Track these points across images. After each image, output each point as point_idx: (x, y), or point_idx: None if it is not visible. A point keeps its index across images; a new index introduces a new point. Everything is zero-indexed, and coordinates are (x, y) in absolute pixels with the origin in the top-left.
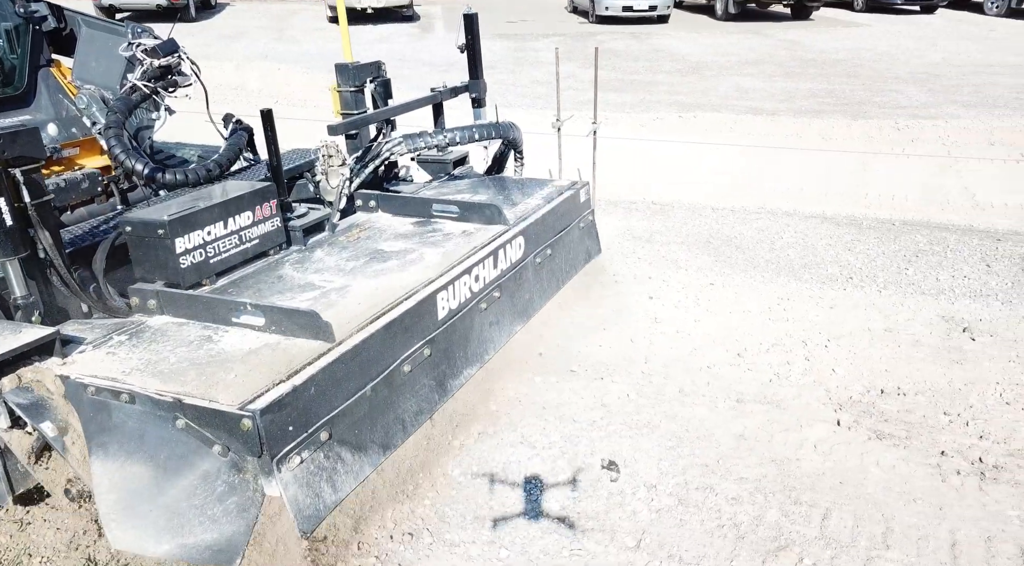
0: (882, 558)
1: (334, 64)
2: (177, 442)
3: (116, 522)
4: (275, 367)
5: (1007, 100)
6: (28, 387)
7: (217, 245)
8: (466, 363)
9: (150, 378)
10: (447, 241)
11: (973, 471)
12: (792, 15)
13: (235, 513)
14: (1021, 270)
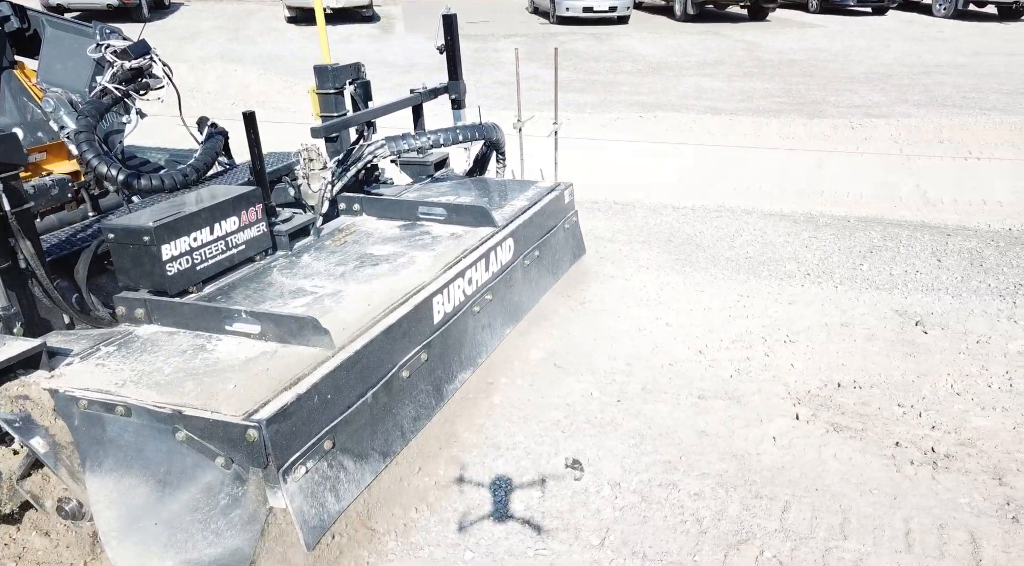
0: (840, 548)
1: (313, 66)
2: (177, 455)
3: (117, 540)
4: (275, 376)
5: (955, 99)
6: (18, 400)
7: (203, 251)
8: (461, 367)
9: (145, 390)
10: (437, 244)
11: (926, 461)
12: (749, 16)
13: (239, 526)
14: (970, 264)
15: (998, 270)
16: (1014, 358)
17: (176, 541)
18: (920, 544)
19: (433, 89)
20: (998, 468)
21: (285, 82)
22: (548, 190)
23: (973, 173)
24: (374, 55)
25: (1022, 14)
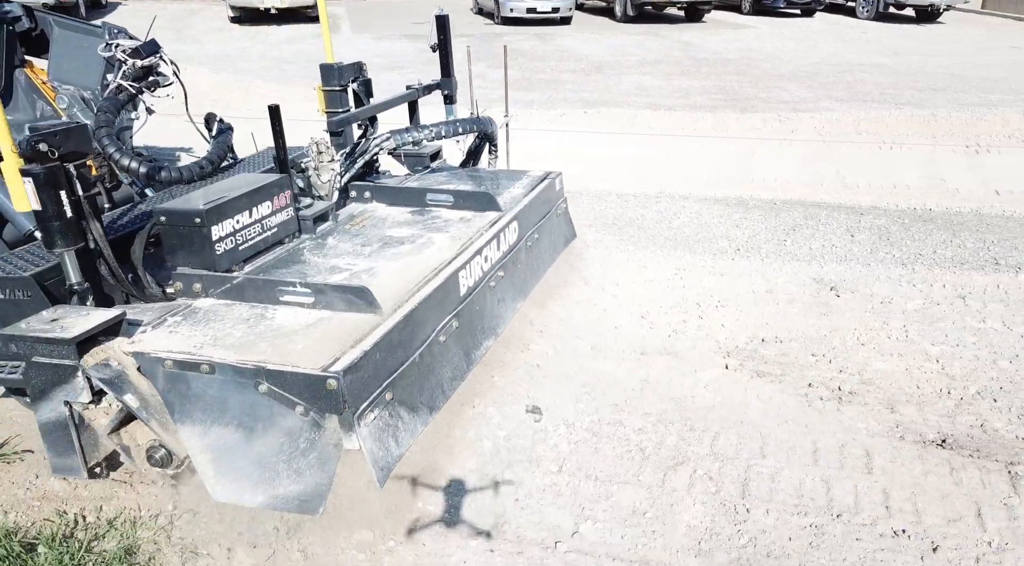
0: (759, 465)
1: (319, 65)
2: (260, 405)
3: (215, 478)
4: (337, 337)
5: (874, 95)
6: (107, 363)
7: (244, 233)
8: (484, 335)
9: (224, 350)
10: (449, 227)
11: (832, 397)
12: (686, 18)
13: (317, 466)
14: (879, 239)
15: (902, 243)
16: (911, 315)
17: (264, 479)
18: (824, 459)
19: (428, 85)
20: (891, 400)
21: (237, 81)
22: (541, 179)
23: (886, 160)
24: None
25: (938, 16)
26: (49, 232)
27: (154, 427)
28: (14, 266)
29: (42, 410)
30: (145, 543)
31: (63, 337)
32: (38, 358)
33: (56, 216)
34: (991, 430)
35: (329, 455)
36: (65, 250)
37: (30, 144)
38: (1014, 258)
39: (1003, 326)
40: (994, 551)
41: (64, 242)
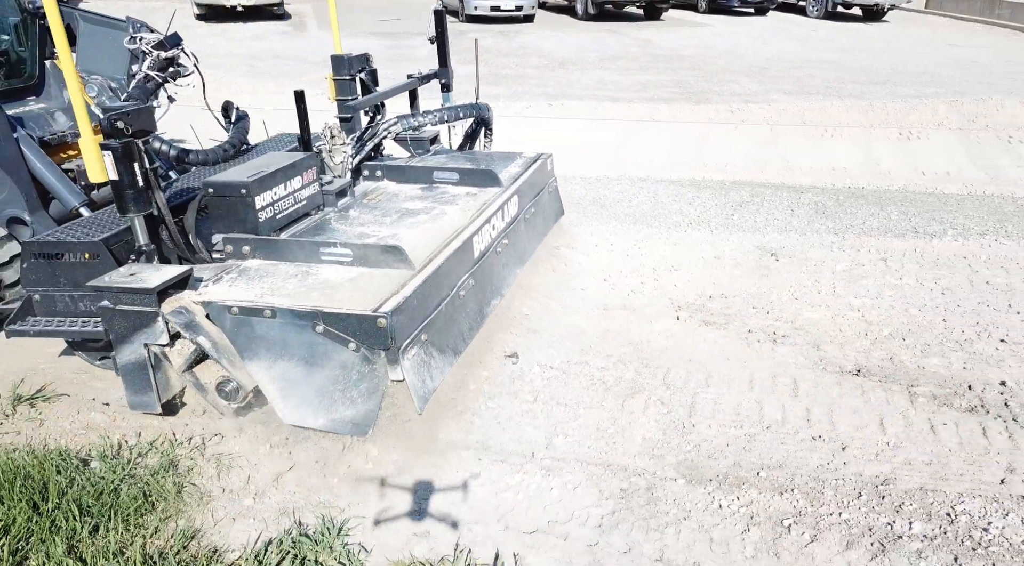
0: (703, 392)
1: (330, 55)
2: (317, 344)
3: (283, 404)
4: (379, 287)
5: (820, 88)
6: (181, 310)
7: (281, 203)
8: (493, 294)
9: (282, 298)
10: (458, 200)
11: (768, 339)
12: (645, 16)
13: (367, 395)
14: (816, 212)
15: (836, 216)
16: (839, 274)
17: (323, 405)
18: (759, 387)
19: (426, 75)
20: (817, 341)
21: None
22: (534, 159)
23: (827, 146)
24: (290, 52)
25: (883, 16)
26: (123, 199)
27: (225, 364)
28: (82, 233)
29: (123, 353)
30: (183, 459)
31: (146, 286)
32: (123, 306)
33: (130, 185)
34: (898, 362)
35: (377, 385)
36: (136, 215)
37: (109, 121)
38: (931, 227)
39: (916, 282)
40: (891, 448)
41: (136, 208)
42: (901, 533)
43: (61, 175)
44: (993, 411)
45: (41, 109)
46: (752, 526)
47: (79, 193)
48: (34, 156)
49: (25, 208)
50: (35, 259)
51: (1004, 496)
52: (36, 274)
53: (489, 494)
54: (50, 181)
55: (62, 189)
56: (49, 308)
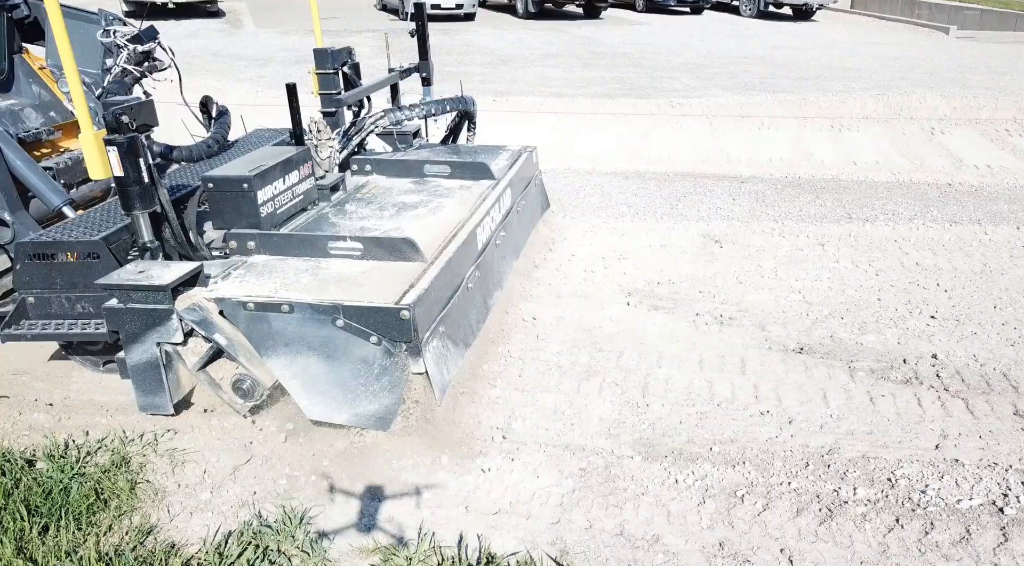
0: (655, 373)
1: (313, 50)
2: (337, 338)
3: (307, 400)
4: (394, 280)
5: (754, 83)
6: (195, 307)
7: (280, 198)
8: (495, 286)
9: (299, 292)
10: (452, 193)
11: (715, 322)
12: (584, 14)
13: (388, 389)
14: (756, 201)
15: (775, 204)
16: (780, 259)
17: (347, 400)
18: (708, 366)
19: (407, 69)
20: (762, 322)
21: None
22: (519, 153)
23: (763, 138)
24: (226, 50)
25: (812, 15)
26: (128, 196)
27: (242, 361)
28: (79, 232)
29: (133, 352)
30: (135, 456)
31: (161, 283)
32: (134, 304)
33: (136, 181)
34: (838, 339)
35: (398, 378)
36: (141, 212)
37: (114, 116)
38: (864, 213)
39: (852, 264)
40: (834, 420)
41: (142, 204)
42: (846, 499)
43: (42, 173)
44: (926, 382)
45: (11, 105)
46: (707, 498)
47: (62, 192)
48: (14, 154)
49: (6, 208)
50: (30, 260)
51: (939, 460)
52: (31, 275)
53: (450, 477)
54: (32, 180)
55: (44, 188)
56: (44, 310)
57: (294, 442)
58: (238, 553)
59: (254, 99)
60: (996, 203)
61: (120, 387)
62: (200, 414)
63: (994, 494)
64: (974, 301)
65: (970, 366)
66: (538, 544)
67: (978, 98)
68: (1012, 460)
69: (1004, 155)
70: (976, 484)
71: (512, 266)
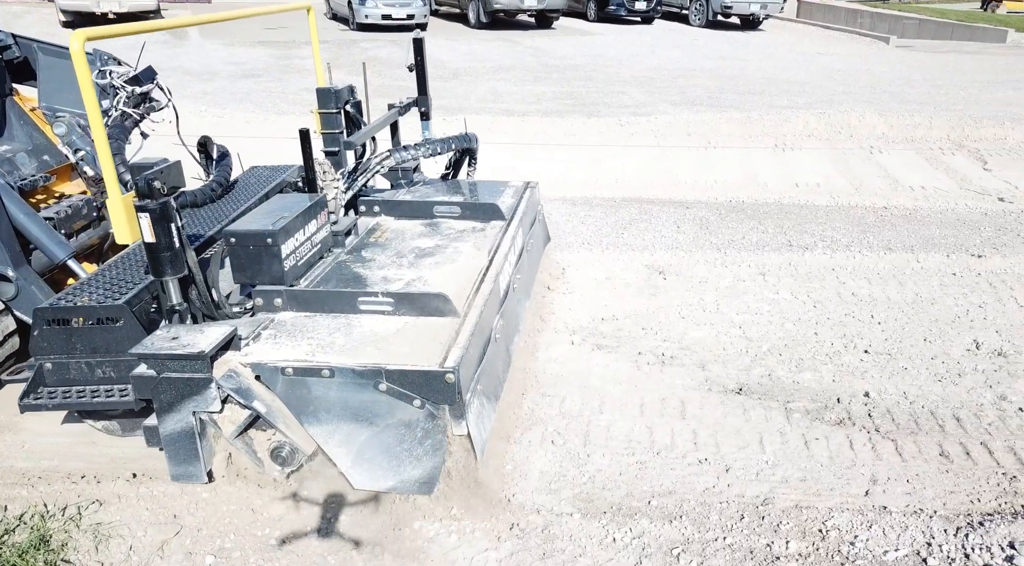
0: (597, 419)
1: (316, 89)
2: (379, 402)
3: (353, 469)
4: (431, 338)
5: (702, 98)
6: (232, 374)
7: (301, 249)
8: (515, 331)
9: (337, 356)
10: (466, 236)
11: (657, 361)
12: (536, 24)
13: (431, 452)
14: (700, 228)
15: (718, 231)
16: (722, 291)
17: (392, 466)
18: (649, 410)
19: (407, 104)
20: (703, 361)
21: None
22: (524, 188)
23: (709, 159)
24: (170, 62)
25: (759, 24)
26: (159, 262)
27: (281, 428)
28: (99, 295)
29: (168, 422)
30: (56, 533)
31: (200, 352)
32: (170, 373)
33: (167, 247)
34: (775, 378)
35: (441, 441)
36: (172, 277)
37: (146, 182)
38: (803, 240)
39: (791, 295)
40: (769, 467)
41: (173, 270)
42: (779, 553)
43: (44, 226)
44: (859, 423)
45: (4, 151)
46: (644, 558)
47: (66, 244)
48: (16, 207)
49: (9, 264)
50: (48, 326)
51: (868, 508)
52: (48, 341)
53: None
54: (34, 233)
55: (48, 241)
56: (62, 377)
57: (223, 509)
58: None
59: (198, 119)
60: (929, 227)
61: (44, 452)
62: (128, 482)
63: (919, 543)
64: (905, 333)
65: (900, 405)
66: None
67: (914, 116)
68: (937, 505)
69: (938, 175)
70: (902, 533)
71: (526, 306)
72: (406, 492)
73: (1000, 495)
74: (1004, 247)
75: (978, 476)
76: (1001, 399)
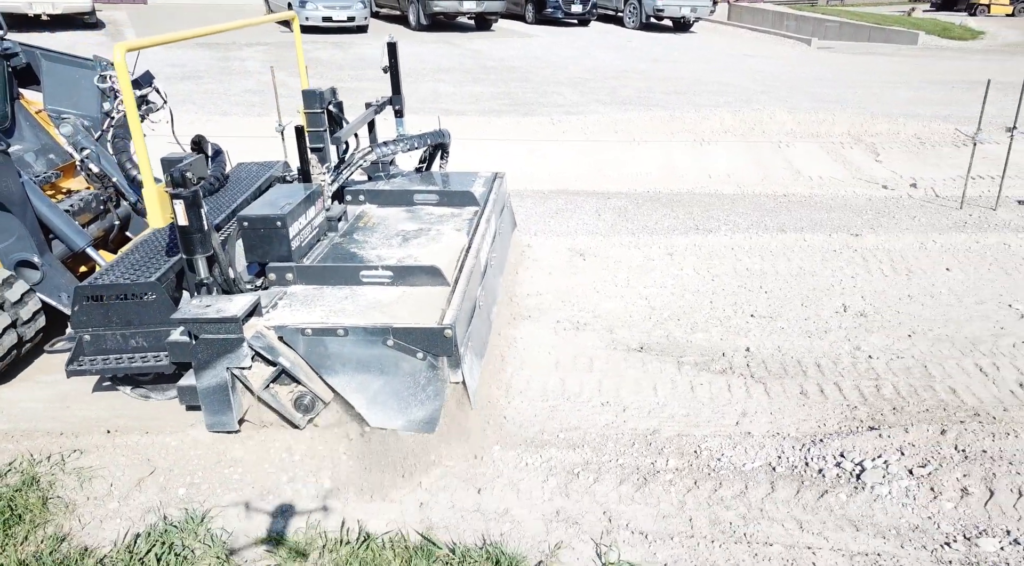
0: (519, 374)
1: (302, 91)
2: (387, 356)
3: (369, 411)
4: (427, 303)
5: (632, 98)
6: (259, 335)
7: (304, 232)
8: (493, 302)
9: (350, 318)
10: (447, 220)
11: (572, 328)
12: (476, 26)
13: (432, 397)
14: (618, 216)
15: (635, 218)
16: (633, 269)
17: (401, 408)
18: (563, 367)
19: (382, 103)
20: (611, 326)
21: None
22: (493, 178)
23: (634, 154)
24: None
25: (691, 27)
26: (191, 242)
27: (303, 380)
28: (132, 275)
29: (204, 378)
30: (44, 476)
31: (234, 316)
32: (207, 335)
33: (198, 229)
34: (672, 338)
35: (441, 387)
36: (202, 255)
37: (180, 173)
38: (709, 224)
39: (694, 272)
40: (660, 407)
41: (202, 249)
42: (660, 468)
43: (65, 217)
44: (738, 371)
45: (16, 151)
46: (550, 476)
47: (84, 234)
48: (38, 200)
49: (35, 251)
50: (87, 302)
51: (735, 434)
52: (88, 315)
53: (322, 448)
54: (56, 224)
55: (68, 231)
56: (99, 347)
57: (192, 452)
58: (147, 550)
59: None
60: (819, 212)
61: (21, 416)
62: (103, 435)
63: (771, 457)
64: (786, 300)
65: (774, 356)
66: (408, 524)
67: (819, 113)
68: (791, 430)
69: (836, 166)
70: (760, 451)
71: (500, 282)
72: (413, 430)
73: (842, 421)
74: (879, 227)
75: (827, 408)
76: (856, 349)
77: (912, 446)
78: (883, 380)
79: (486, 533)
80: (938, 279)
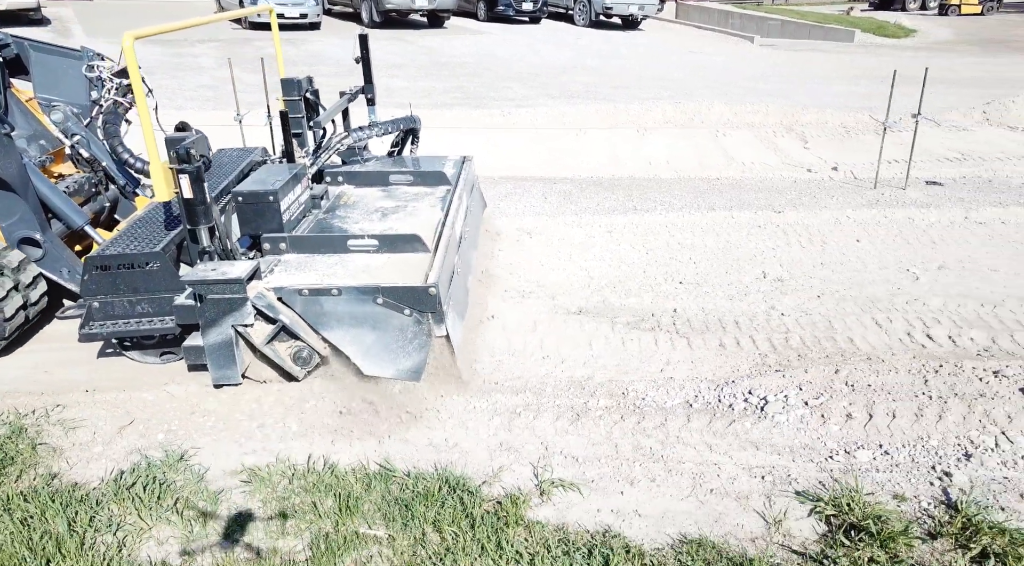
0: (467, 337)
1: (280, 79)
2: (377, 313)
3: (363, 361)
4: (411, 267)
5: (580, 93)
6: (261, 295)
7: (292, 207)
8: (469, 272)
9: (341, 279)
10: (420, 198)
11: (519, 296)
12: (428, 23)
13: (418, 349)
14: (563, 199)
15: (578, 201)
16: (575, 246)
17: (391, 358)
18: (509, 329)
19: (355, 92)
20: (554, 294)
21: None
22: (462, 161)
23: (579, 144)
24: None
25: (639, 24)
26: (195, 213)
27: (302, 335)
28: (136, 246)
29: (210, 335)
30: (30, 427)
31: (238, 277)
32: (214, 295)
33: (201, 201)
34: (608, 302)
35: (425, 341)
36: (204, 226)
37: (185, 150)
38: (646, 205)
39: (630, 247)
40: (594, 359)
41: (205, 220)
42: (591, 407)
43: (63, 196)
44: (665, 328)
45: None
46: (495, 416)
47: (83, 213)
48: (39, 181)
49: (38, 228)
50: (96, 271)
51: (659, 379)
52: (97, 284)
53: (288, 399)
54: (55, 203)
55: (67, 210)
56: (108, 313)
57: (167, 403)
58: (132, 482)
59: None
60: (748, 193)
61: (2, 379)
62: (84, 393)
63: (689, 396)
64: (712, 269)
65: (698, 316)
66: (369, 458)
67: (755, 105)
68: (708, 375)
69: (767, 153)
70: (679, 392)
71: (474, 255)
72: (401, 378)
73: (753, 367)
74: (801, 205)
75: (742, 357)
76: (771, 309)
77: (809, 383)
78: (792, 333)
79: (437, 462)
80: (848, 249)
